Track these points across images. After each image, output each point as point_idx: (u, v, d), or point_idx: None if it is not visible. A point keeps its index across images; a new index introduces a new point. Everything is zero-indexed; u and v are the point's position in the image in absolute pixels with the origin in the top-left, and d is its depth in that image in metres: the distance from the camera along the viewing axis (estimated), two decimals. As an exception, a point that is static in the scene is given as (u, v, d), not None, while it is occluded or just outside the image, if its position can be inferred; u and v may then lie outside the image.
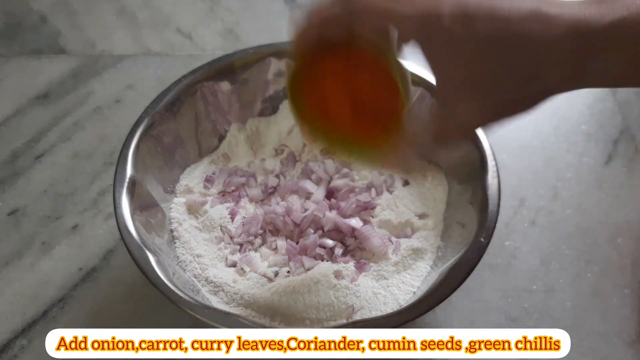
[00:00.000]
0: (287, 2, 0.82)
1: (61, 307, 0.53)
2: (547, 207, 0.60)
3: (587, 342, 0.51)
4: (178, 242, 0.52)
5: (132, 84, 0.71)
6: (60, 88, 0.70)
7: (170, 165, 0.55)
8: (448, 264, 0.46)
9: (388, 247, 0.51)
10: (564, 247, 0.57)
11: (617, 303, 0.53)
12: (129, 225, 0.46)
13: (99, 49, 0.75)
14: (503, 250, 0.57)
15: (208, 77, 0.57)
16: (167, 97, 0.55)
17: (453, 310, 0.53)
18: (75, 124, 0.67)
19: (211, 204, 0.55)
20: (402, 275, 0.50)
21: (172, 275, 0.45)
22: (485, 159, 0.50)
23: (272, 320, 0.47)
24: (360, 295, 0.48)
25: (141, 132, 0.52)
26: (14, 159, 0.64)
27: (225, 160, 0.59)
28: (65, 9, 0.80)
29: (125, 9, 0.81)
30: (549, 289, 0.54)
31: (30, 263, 0.56)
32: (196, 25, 0.79)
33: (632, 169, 0.63)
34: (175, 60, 0.74)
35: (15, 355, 0.50)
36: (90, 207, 0.60)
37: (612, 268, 0.55)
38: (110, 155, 0.64)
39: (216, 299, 0.49)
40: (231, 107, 0.60)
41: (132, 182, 0.49)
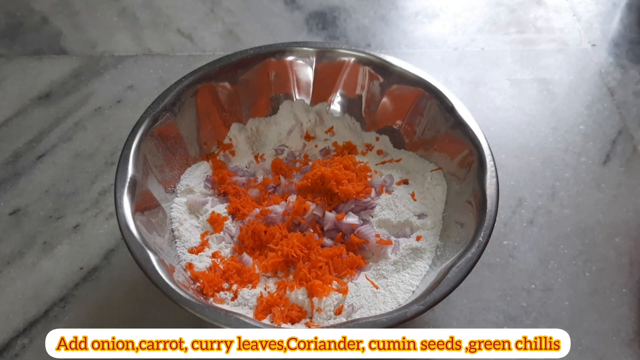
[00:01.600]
0: (287, 3, 0.82)
1: (62, 307, 0.53)
2: (546, 206, 0.60)
3: (585, 341, 0.51)
4: (179, 241, 0.52)
5: (133, 84, 0.71)
6: (61, 88, 0.71)
7: (171, 165, 0.56)
8: (447, 263, 0.46)
9: (387, 247, 0.52)
10: (562, 247, 0.57)
11: (615, 302, 0.54)
12: (130, 225, 0.46)
13: (100, 50, 0.76)
14: (501, 250, 0.57)
15: (208, 78, 0.57)
16: (167, 97, 0.55)
17: (452, 309, 0.53)
18: (76, 124, 0.67)
19: (212, 203, 0.55)
20: (402, 274, 0.50)
21: (172, 275, 0.45)
22: (484, 159, 0.50)
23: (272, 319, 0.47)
24: (359, 295, 0.49)
25: (142, 132, 0.52)
26: (15, 159, 0.64)
27: (226, 160, 0.59)
28: (66, 9, 0.81)
29: (126, 9, 0.81)
30: (547, 288, 0.54)
31: (31, 262, 0.56)
32: (197, 26, 0.79)
33: (629, 169, 0.64)
34: (176, 60, 0.74)
35: (16, 354, 0.50)
36: (92, 206, 0.60)
37: (610, 267, 0.56)
38: (112, 155, 0.64)
39: (217, 298, 0.49)
40: (231, 107, 0.60)
41: (133, 182, 0.49)
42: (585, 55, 0.76)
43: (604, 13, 0.82)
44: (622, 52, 0.76)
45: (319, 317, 0.48)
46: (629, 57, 0.75)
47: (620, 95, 0.71)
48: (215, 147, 0.60)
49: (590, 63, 0.75)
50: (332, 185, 0.53)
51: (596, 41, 0.78)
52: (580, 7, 0.82)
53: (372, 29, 0.79)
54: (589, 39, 0.78)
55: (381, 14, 0.81)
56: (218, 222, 0.54)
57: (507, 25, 0.80)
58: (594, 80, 0.73)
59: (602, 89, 0.72)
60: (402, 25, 0.80)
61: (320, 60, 0.59)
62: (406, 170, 0.57)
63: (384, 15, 0.81)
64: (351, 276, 0.50)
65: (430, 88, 0.55)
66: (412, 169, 0.57)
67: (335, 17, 0.80)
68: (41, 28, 0.78)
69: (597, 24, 0.80)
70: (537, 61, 0.75)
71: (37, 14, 0.80)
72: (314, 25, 0.79)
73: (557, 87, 0.72)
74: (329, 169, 0.54)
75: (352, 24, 0.80)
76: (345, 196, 0.53)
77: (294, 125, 0.61)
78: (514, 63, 0.75)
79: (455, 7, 0.83)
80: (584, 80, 0.73)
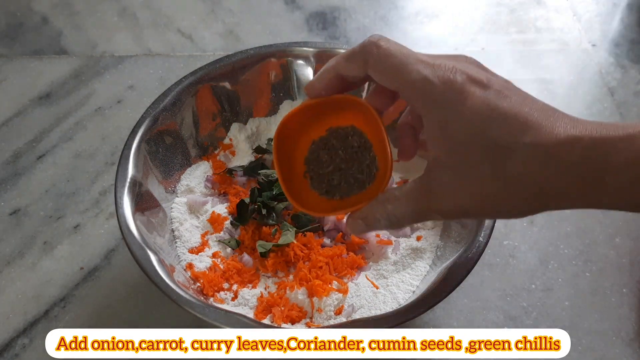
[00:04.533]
0: (288, 3, 0.82)
1: (63, 307, 0.53)
2: (546, 207, 0.60)
3: (586, 341, 0.51)
4: (179, 241, 0.52)
5: (133, 84, 0.71)
6: (61, 88, 0.71)
7: (172, 165, 0.56)
8: (447, 263, 0.46)
9: (387, 247, 0.52)
10: (563, 247, 0.57)
11: (615, 302, 0.53)
12: (131, 225, 0.46)
13: (100, 50, 0.76)
14: (502, 250, 0.57)
15: (209, 78, 0.57)
16: (168, 97, 0.55)
17: (452, 309, 0.53)
18: (76, 124, 0.67)
19: (212, 203, 0.55)
20: (402, 274, 0.50)
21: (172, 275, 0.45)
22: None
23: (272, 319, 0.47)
24: (360, 295, 0.49)
25: (142, 132, 0.52)
26: (15, 159, 0.64)
27: (226, 160, 0.59)
28: (66, 9, 0.81)
29: (127, 10, 0.81)
30: (548, 288, 0.54)
31: (31, 262, 0.56)
32: (197, 26, 0.79)
33: (630, 169, 0.64)
34: (176, 61, 0.74)
35: (16, 354, 0.50)
36: (92, 206, 0.60)
37: (610, 267, 0.56)
38: (112, 155, 0.64)
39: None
40: (231, 107, 0.60)
41: (134, 182, 0.49)
42: (585, 55, 0.76)
43: (604, 13, 0.82)
44: (622, 52, 0.76)
45: (319, 317, 0.48)
46: (629, 57, 0.75)
47: (621, 95, 0.71)
48: (215, 147, 0.60)
49: (591, 63, 0.75)
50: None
51: (596, 41, 0.78)
52: (580, 7, 0.82)
53: (372, 29, 0.79)
54: (589, 39, 0.78)
55: (381, 14, 0.81)
56: (218, 222, 0.53)
57: (507, 25, 0.80)
58: (594, 80, 0.73)
59: (602, 89, 0.72)
60: (402, 25, 0.80)
61: (320, 60, 0.59)
62: (406, 170, 0.57)
63: (384, 16, 0.81)
64: (351, 276, 0.50)
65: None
66: (412, 169, 0.57)
67: (336, 17, 0.80)
68: (41, 28, 0.78)
69: (598, 24, 0.80)
70: (538, 61, 0.75)
71: (37, 14, 0.80)
72: (314, 25, 0.79)
73: (557, 87, 0.72)
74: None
75: (352, 24, 0.80)
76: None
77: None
78: (514, 63, 0.75)
79: (456, 7, 0.83)
80: (584, 80, 0.73)
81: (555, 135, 0.32)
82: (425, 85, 0.34)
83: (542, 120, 0.32)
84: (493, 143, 0.33)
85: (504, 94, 0.33)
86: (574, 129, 0.32)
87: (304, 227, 0.52)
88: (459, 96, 0.33)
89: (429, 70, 0.34)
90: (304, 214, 0.52)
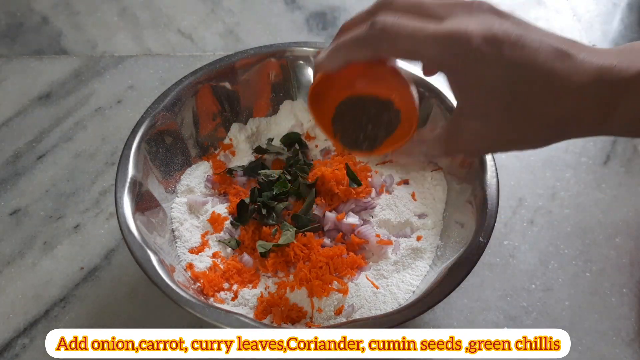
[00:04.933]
0: (288, 3, 0.82)
1: (63, 307, 0.53)
2: (546, 206, 0.60)
3: (586, 341, 0.51)
4: (179, 241, 0.52)
5: (133, 84, 0.71)
6: (61, 88, 0.71)
7: (172, 165, 0.56)
8: (447, 263, 0.46)
9: (387, 247, 0.52)
10: (563, 247, 0.57)
11: (615, 302, 0.54)
12: (131, 225, 0.46)
13: (101, 50, 0.76)
14: (502, 250, 0.57)
15: (209, 78, 0.57)
16: (168, 97, 0.55)
17: (452, 309, 0.53)
18: (76, 124, 0.67)
19: (212, 203, 0.55)
20: (402, 274, 0.50)
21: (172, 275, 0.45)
22: (484, 158, 0.50)
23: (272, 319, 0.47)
24: (360, 295, 0.49)
25: (142, 132, 0.52)
26: (16, 159, 0.64)
27: (226, 160, 0.59)
28: (66, 9, 0.81)
29: (127, 9, 0.81)
30: (548, 288, 0.54)
31: (32, 262, 0.56)
32: (197, 26, 0.79)
33: (630, 169, 0.64)
34: (176, 61, 0.74)
35: (17, 354, 0.50)
36: (92, 206, 0.60)
37: (610, 267, 0.56)
38: (112, 155, 0.64)
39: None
40: (231, 107, 0.60)
41: (134, 182, 0.49)
42: (585, 55, 0.76)
43: (604, 13, 0.82)
44: (622, 52, 0.76)
45: (319, 317, 0.48)
46: (630, 57, 0.75)
47: (621, 95, 0.71)
48: (215, 147, 0.60)
49: (591, 63, 0.75)
50: (332, 185, 0.53)
51: (596, 41, 0.78)
52: (580, 7, 0.82)
53: (372, 29, 0.79)
54: (589, 39, 0.78)
55: (381, 14, 0.81)
56: (218, 222, 0.54)
57: (508, 25, 0.80)
58: (594, 80, 0.73)
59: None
60: (403, 25, 0.80)
61: (320, 60, 0.59)
62: (406, 170, 0.57)
63: (384, 15, 0.81)
64: (351, 276, 0.50)
65: (430, 88, 0.55)
66: (412, 169, 0.57)
67: (336, 17, 0.80)
68: (41, 28, 0.78)
69: (598, 24, 0.80)
70: (538, 61, 0.75)
71: (38, 14, 0.80)
72: (314, 25, 0.79)
73: (557, 87, 0.72)
74: (329, 169, 0.54)
75: (352, 24, 0.80)
76: (345, 196, 0.54)
77: (294, 125, 0.61)
78: (514, 63, 0.75)
79: (456, 7, 0.83)
80: (584, 80, 0.73)
81: (575, 67, 0.35)
82: (443, 61, 0.37)
83: (558, 64, 0.35)
84: (513, 91, 0.36)
85: (520, 44, 0.35)
86: (596, 58, 0.35)
87: (304, 227, 0.52)
88: (476, 64, 0.36)
89: (441, 47, 0.36)
90: (304, 213, 0.52)
